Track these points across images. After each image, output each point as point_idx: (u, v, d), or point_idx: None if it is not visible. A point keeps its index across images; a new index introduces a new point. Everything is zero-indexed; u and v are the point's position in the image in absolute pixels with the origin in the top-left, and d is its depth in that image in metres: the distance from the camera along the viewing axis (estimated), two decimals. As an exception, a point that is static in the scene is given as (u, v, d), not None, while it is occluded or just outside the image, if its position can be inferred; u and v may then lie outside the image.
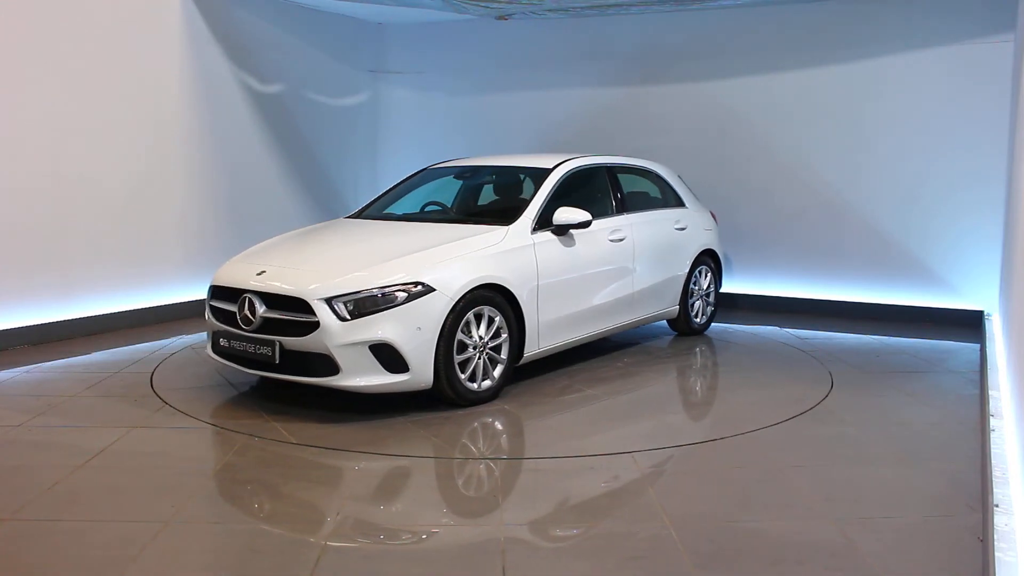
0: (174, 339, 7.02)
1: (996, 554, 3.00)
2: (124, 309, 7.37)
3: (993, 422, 4.57)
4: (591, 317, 6.16)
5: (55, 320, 6.83)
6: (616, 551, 3.39)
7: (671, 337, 7.42)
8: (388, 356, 4.85)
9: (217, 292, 5.39)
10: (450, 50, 9.85)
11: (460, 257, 5.25)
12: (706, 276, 7.51)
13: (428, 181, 6.96)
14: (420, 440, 4.68)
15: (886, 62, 8.06)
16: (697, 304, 7.42)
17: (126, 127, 7.30)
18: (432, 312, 4.94)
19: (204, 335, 7.11)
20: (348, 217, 6.68)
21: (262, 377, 5.50)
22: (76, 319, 6.99)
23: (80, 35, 6.89)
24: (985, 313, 7.70)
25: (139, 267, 7.51)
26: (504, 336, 5.36)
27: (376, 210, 6.63)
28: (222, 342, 5.27)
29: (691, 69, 8.83)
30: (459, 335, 5.06)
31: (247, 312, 5.05)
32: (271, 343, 4.98)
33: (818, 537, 3.51)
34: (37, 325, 6.71)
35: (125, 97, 7.27)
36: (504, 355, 5.37)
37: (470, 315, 5.14)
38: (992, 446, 4.18)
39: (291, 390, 5.46)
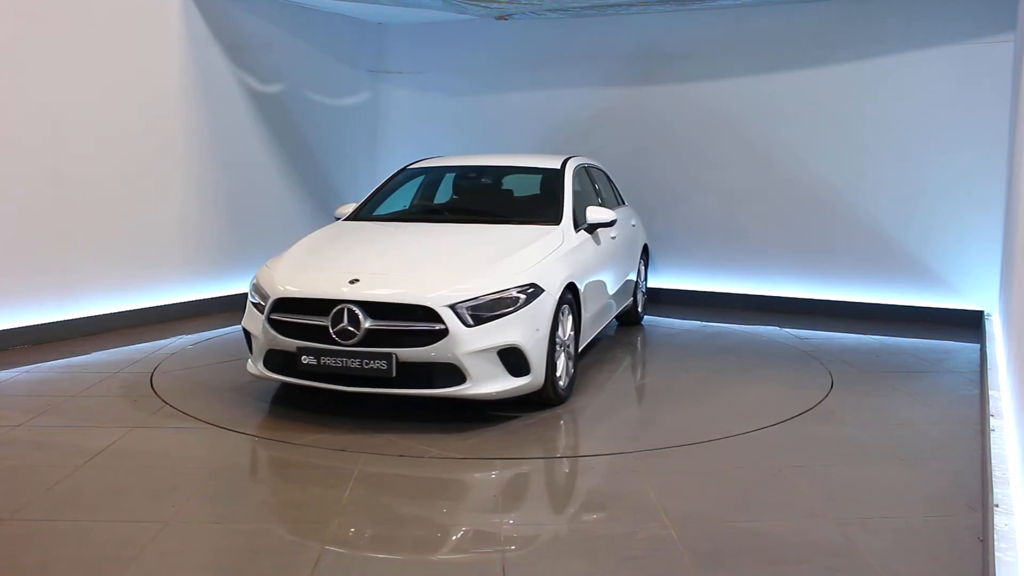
0: (174, 339, 7.01)
1: (996, 554, 3.00)
2: (124, 309, 7.36)
3: (993, 422, 4.57)
4: (606, 311, 6.43)
5: (55, 320, 6.83)
6: (616, 551, 3.39)
7: (615, 328, 7.62)
8: (514, 360, 4.77)
9: (286, 304, 4.90)
10: (450, 50, 9.85)
11: (546, 258, 5.25)
12: (644, 269, 7.87)
13: (424, 180, 6.92)
14: (422, 442, 4.69)
15: (886, 62, 8.06)
16: (638, 296, 7.71)
17: (126, 127, 7.30)
18: (544, 313, 4.93)
19: (199, 337, 7.16)
20: (351, 219, 6.29)
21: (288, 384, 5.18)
22: (76, 319, 6.98)
23: (80, 35, 6.89)
24: (985, 313, 7.70)
25: (139, 267, 7.51)
26: (571, 333, 5.39)
27: (382, 211, 6.42)
28: (305, 360, 4.76)
29: (691, 69, 8.83)
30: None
31: (347, 324, 4.68)
32: (386, 356, 4.62)
33: (818, 537, 3.51)
34: (37, 325, 6.71)
35: (125, 97, 7.27)
36: (572, 350, 5.42)
37: (560, 314, 5.15)
38: (992, 446, 4.18)
39: (278, 389, 5.45)
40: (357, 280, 4.81)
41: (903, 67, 7.99)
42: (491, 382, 4.72)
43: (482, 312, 4.70)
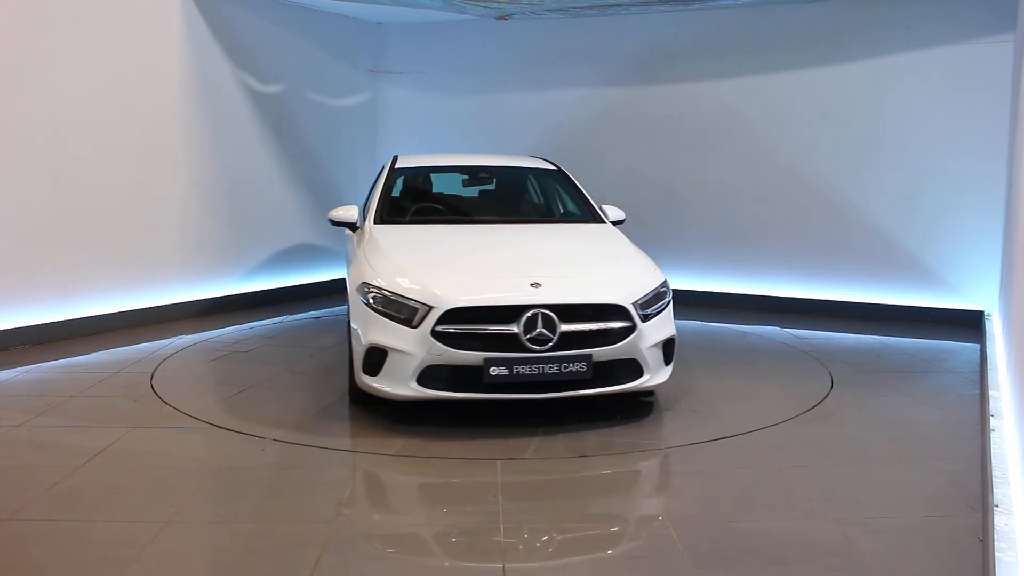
0: (174, 339, 7.01)
1: (996, 554, 3.00)
2: (124, 309, 7.36)
3: (993, 422, 4.57)
4: None
5: (55, 320, 6.83)
6: (616, 551, 3.39)
7: None
8: (669, 350, 5.07)
9: (455, 315, 4.59)
10: (450, 50, 9.85)
11: (641, 255, 5.51)
12: None
13: (428, 181, 6.88)
14: (419, 441, 4.69)
15: (886, 62, 8.06)
16: None
17: (126, 127, 7.30)
18: (672, 305, 5.22)
19: (199, 337, 7.15)
20: (382, 222, 5.81)
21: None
22: (76, 319, 6.98)
23: (80, 35, 6.89)
24: (985, 313, 7.69)
25: (139, 267, 7.51)
26: None
27: (404, 212, 6.13)
28: (495, 371, 4.52)
29: (691, 69, 8.83)
30: None
31: (543, 329, 4.57)
32: (584, 358, 4.63)
33: (818, 537, 3.51)
34: (37, 325, 6.71)
35: (125, 97, 7.27)
36: None
37: None
38: (992, 446, 4.18)
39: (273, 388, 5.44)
40: (539, 284, 4.72)
41: (903, 67, 7.99)
42: (659, 373, 5.00)
43: (647, 309, 4.92)
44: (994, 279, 7.62)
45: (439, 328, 4.55)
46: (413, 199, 6.46)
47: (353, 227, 5.96)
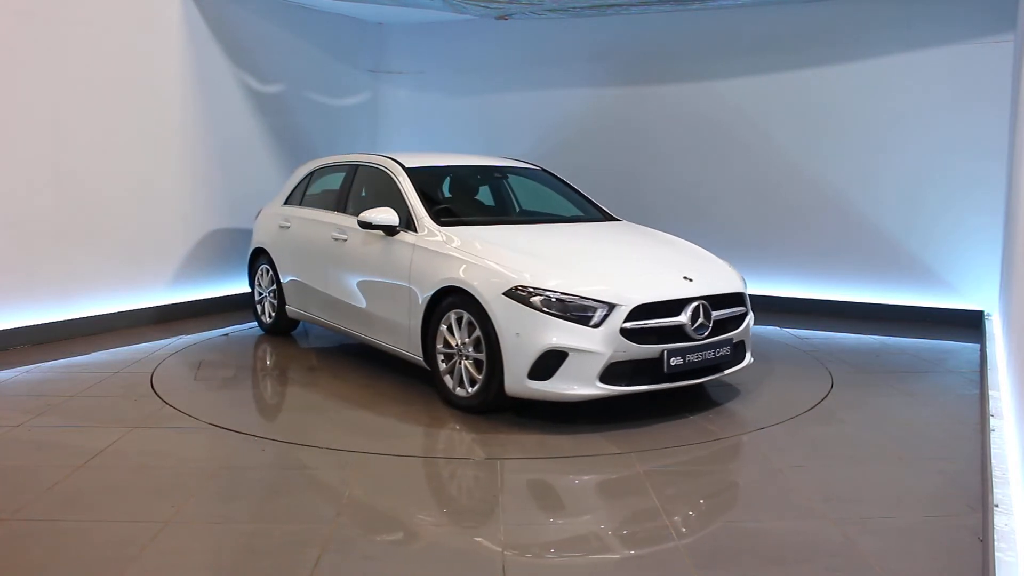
0: (174, 339, 7.01)
1: (996, 554, 3.00)
2: (124, 309, 7.37)
3: (993, 422, 4.57)
4: None
5: (55, 320, 6.83)
6: (616, 551, 3.39)
7: None
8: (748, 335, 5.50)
9: (636, 311, 4.71)
10: (450, 50, 9.86)
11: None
12: None
13: (442, 182, 6.66)
14: (425, 439, 4.68)
15: (886, 62, 8.06)
16: None
17: (126, 127, 7.30)
18: None
19: (199, 337, 7.15)
20: (445, 225, 5.56)
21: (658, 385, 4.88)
22: (76, 319, 6.99)
23: (80, 35, 6.89)
24: (985, 313, 7.69)
25: (139, 267, 7.51)
26: None
27: (448, 214, 5.84)
28: (674, 362, 4.81)
29: (691, 69, 8.83)
30: None
31: (703, 319, 4.94)
32: (728, 341, 5.14)
33: (818, 537, 3.51)
34: (37, 325, 6.71)
35: (125, 97, 7.27)
36: None
37: None
38: (992, 446, 4.18)
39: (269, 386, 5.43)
40: (690, 278, 5.06)
41: (903, 66, 7.98)
42: (750, 355, 5.51)
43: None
44: (994, 279, 7.62)
45: (624, 325, 4.70)
46: (436, 200, 6.13)
47: (391, 231, 5.62)
